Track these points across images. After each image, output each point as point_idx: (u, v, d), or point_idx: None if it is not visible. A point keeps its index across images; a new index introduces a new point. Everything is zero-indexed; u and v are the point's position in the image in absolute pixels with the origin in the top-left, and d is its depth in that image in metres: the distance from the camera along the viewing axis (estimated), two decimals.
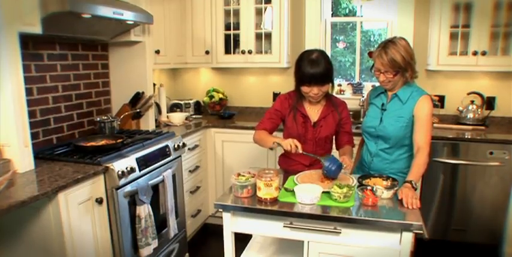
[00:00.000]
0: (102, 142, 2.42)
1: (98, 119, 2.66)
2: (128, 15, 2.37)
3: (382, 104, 2.15)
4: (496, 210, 2.90)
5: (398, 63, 1.97)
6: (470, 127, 3.18)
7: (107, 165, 2.05)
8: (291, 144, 1.94)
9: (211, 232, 3.44)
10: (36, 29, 1.93)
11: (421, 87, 2.11)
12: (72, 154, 2.21)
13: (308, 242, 1.66)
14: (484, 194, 2.91)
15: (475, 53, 3.06)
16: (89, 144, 2.37)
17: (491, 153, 2.83)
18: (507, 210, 2.88)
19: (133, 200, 2.20)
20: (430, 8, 3.25)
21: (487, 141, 2.86)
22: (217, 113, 3.83)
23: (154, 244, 2.31)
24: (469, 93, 3.29)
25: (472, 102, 3.30)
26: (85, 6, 2.04)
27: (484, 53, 3.04)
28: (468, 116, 3.26)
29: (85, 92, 2.76)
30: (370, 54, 3.75)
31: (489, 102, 3.36)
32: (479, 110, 3.27)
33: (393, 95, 2.12)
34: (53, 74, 2.46)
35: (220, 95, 3.87)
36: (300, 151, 1.95)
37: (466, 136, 2.93)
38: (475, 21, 3.04)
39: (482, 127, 3.18)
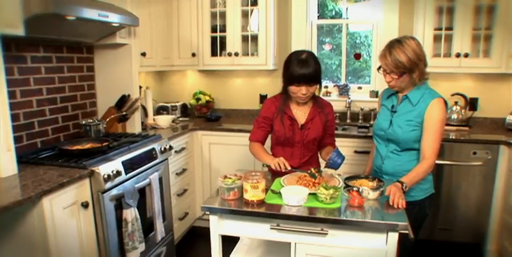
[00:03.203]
0: (88, 146, 2.39)
1: (84, 122, 2.64)
2: (113, 18, 2.35)
3: (392, 106, 2.10)
4: (480, 209, 2.95)
5: (403, 64, 1.89)
6: (454, 128, 3.23)
7: (93, 168, 2.03)
8: (279, 163, 2.00)
9: (199, 235, 3.42)
10: (19, 31, 1.89)
11: (434, 89, 2.03)
12: (57, 158, 2.18)
13: (295, 243, 1.66)
14: (468, 193, 2.96)
15: (458, 55, 3.11)
16: (74, 147, 2.34)
17: (474, 153, 2.88)
18: (490, 209, 2.95)
19: (119, 203, 2.18)
20: (415, 11, 3.29)
21: (470, 141, 2.91)
22: (204, 115, 3.83)
23: (141, 247, 2.30)
24: (452, 95, 3.35)
25: (456, 103, 3.35)
26: (69, 8, 2.02)
27: (466, 55, 3.09)
28: (452, 117, 3.31)
29: (70, 95, 2.73)
30: (356, 56, 3.81)
31: (472, 104, 3.42)
32: (462, 111, 3.33)
33: (403, 97, 2.04)
34: (36, 76, 2.43)
35: (207, 98, 3.87)
36: (289, 168, 1.99)
37: (451, 137, 2.97)
38: (457, 24, 3.09)
39: (466, 128, 3.24)
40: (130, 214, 2.19)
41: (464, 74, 3.38)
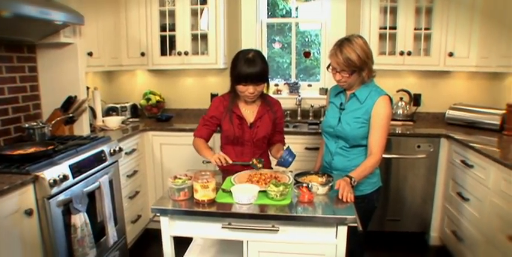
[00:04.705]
0: (31, 150, 2.28)
1: (26, 125, 2.52)
2: (56, 15, 2.25)
3: (341, 104, 2.13)
4: (425, 199, 3.11)
5: (354, 63, 1.93)
6: (400, 123, 3.37)
7: (37, 174, 1.94)
8: (219, 158, 2.00)
9: (153, 237, 3.36)
10: None
11: (380, 87, 2.10)
12: None
13: (247, 241, 1.66)
14: (414, 185, 3.11)
15: (401, 53, 3.25)
16: (15, 152, 2.22)
17: (418, 146, 3.02)
18: (433, 198, 3.11)
19: (67, 209, 2.10)
20: (361, 10, 3.41)
21: (414, 135, 3.06)
22: (154, 115, 3.77)
23: (93, 253, 2.23)
24: (398, 91, 3.49)
25: (401, 99, 3.50)
26: (4, 3, 1.89)
27: (409, 53, 3.24)
28: (398, 112, 3.46)
29: (10, 97, 2.59)
30: (306, 54, 3.88)
31: (416, 99, 3.59)
32: (407, 106, 3.48)
33: (351, 95, 2.09)
34: None
35: (157, 98, 3.81)
36: (230, 162, 2.01)
37: (397, 131, 3.11)
38: (400, 23, 3.24)
39: (411, 123, 3.39)
40: (80, 219, 2.12)
41: (408, 71, 3.55)
